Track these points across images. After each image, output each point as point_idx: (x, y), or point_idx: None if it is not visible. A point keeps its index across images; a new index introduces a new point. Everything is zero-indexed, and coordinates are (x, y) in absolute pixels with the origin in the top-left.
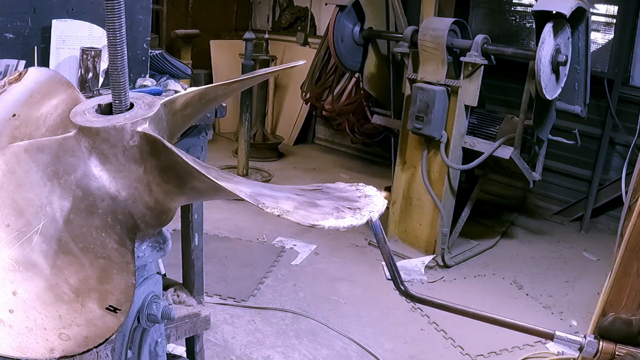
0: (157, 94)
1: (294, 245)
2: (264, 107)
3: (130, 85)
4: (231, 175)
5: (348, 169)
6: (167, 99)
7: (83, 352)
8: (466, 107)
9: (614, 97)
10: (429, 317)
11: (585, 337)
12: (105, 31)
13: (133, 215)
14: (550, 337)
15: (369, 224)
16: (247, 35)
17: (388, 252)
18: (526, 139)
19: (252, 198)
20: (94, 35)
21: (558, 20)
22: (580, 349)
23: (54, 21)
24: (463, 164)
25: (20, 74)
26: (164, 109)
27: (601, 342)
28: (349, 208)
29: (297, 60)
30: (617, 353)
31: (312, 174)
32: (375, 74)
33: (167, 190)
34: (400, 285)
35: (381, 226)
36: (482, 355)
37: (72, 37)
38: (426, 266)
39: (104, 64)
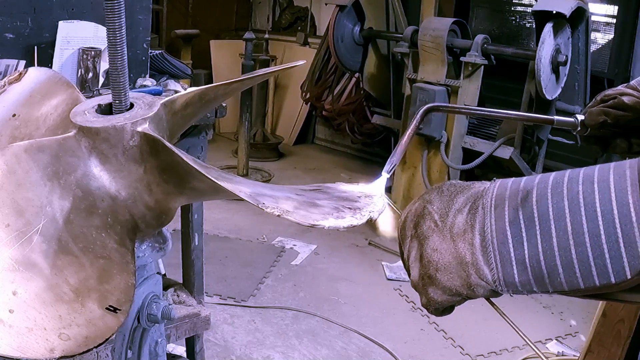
0: (157, 94)
1: (294, 245)
2: (264, 107)
3: (130, 85)
4: (231, 175)
5: (348, 169)
6: (167, 99)
7: (83, 352)
8: None
9: None
10: (429, 317)
11: (575, 117)
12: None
13: (133, 215)
14: (550, 122)
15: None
16: (247, 35)
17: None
18: (526, 139)
19: (252, 198)
20: (99, 36)
21: (558, 20)
22: (574, 127)
23: (60, 23)
24: (463, 164)
25: (20, 74)
26: (164, 109)
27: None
28: (349, 208)
29: (297, 60)
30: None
31: (312, 174)
32: (375, 73)
33: (167, 190)
34: None
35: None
36: (482, 355)
37: (77, 37)
38: None
39: (104, 64)
